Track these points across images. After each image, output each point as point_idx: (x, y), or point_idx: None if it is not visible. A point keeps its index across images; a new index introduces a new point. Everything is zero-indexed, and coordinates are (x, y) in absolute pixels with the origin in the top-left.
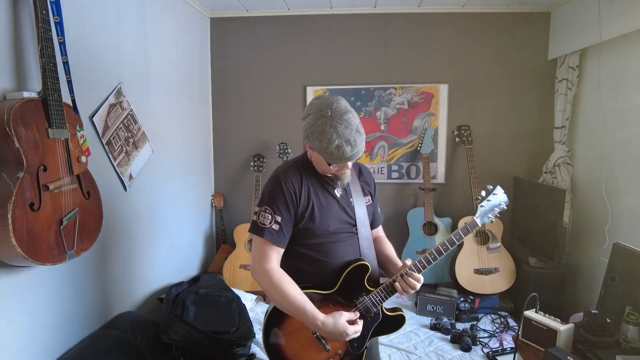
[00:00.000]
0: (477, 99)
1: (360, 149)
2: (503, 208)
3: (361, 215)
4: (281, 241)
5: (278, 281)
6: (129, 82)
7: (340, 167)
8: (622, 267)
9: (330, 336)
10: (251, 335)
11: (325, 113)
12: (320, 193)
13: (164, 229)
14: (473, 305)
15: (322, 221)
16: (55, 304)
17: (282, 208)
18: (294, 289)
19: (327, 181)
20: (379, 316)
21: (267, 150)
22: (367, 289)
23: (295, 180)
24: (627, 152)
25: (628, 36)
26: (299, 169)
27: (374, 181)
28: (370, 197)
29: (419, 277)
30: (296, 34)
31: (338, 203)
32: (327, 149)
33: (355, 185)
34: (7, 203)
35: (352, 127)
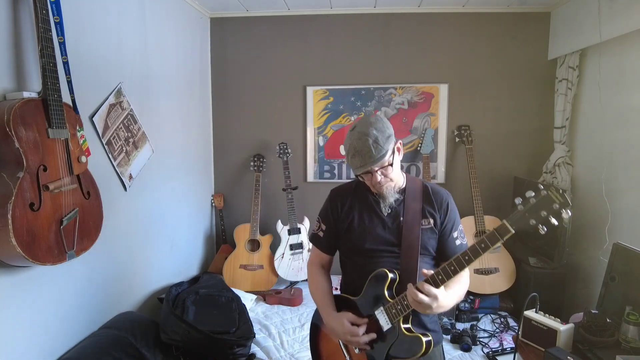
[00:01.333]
0: (477, 99)
1: (374, 160)
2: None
3: (410, 237)
4: (323, 247)
5: (311, 277)
6: (129, 82)
7: (370, 180)
8: (622, 267)
9: (333, 331)
10: (251, 335)
11: (352, 128)
12: (365, 211)
13: (164, 229)
14: (473, 305)
15: (359, 237)
16: (55, 304)
17: (326, 219)
18: (321, 285)
19: (376, 200)
20: (396, 334)
21: (267, 150)
22: (387, 300)
23: (343, 195)
24: (627, 152)
25: (628, 36)
26: (352, 187)
27: (447, 206)
28: (433, 220)
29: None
30: (296, 34)
31: (382, 222)
32: (348, 160)
33: (413, 204)
34: (7, 203)
35: (369, 138)
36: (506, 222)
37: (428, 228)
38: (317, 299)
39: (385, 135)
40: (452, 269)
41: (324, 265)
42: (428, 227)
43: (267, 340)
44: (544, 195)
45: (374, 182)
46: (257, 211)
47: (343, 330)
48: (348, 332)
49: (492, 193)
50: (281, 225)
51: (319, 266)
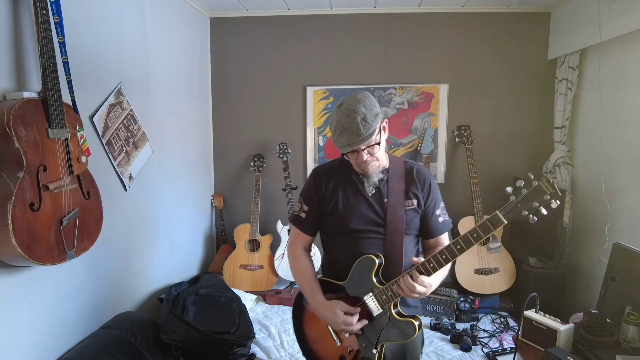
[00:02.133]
0: (477, 99)
1: (362, 138)
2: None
3: (394, 217)
4: (306, 228)
5: (295, 260)
6: (129, 82)
7: (357, 159)
8: (622, 267)
9: (323, 319)
10: (251, 335)
11: (338, 105)
12: (349, 190)
13: (164, 229)
14: (473, 305)
15: (344, 217)
16: (55, 304)
17: (309, 200)
18: (306, 269)
19: (360, 179)
20: (387, 319)
21: (267, 150)
22: (376, 287)
23: (326, 175)
24: (627, 152)
25: (628, 36)
26: (335, 166)
27: (431, 186)
28: (417, 201)
29: (422, 279)
30: (296, 34)
31: (366, 202)
32: (334, 138)
33: (397, 184)
34: (7, 203)
35: (357, 116)
36: (499, 212)
37: (412, 208)
38: (304, 285)
39: (374, 113)
40: (444, 258)
41: (305, 248)
42: (412, 208)
43: (267, 340)
44: (535, 185)
45: (360, 161)
46: (257, 211)
47: (336, 320)
48: (342, 322)
49: (492, 193)
50: (281, 225)
51: (301, 249)
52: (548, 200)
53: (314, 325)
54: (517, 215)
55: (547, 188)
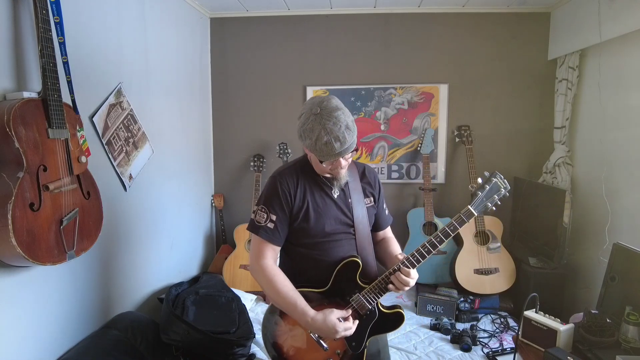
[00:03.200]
0: (477, 99)
1: (349, 145)
2: (504, 195)
3: (360, 216)
4: (276, 239)
5: (271, 277)
6: (129, 82)
7: (334, 165)
8: (622, 267)
9: (320, 333)
10: (251, 335)
11: (315, 111)
12: (317, 194)
13: (164, 229)
14: (473, 306)
15: (317, 221)
16: (55, 304)
17: (277, 207)
18: (286, 284)
19: (324, 182)
20: (375, 314)
21: (267, 150)
22: (361, 286)
23: (291, 180)
24: (627, 152)
25: (628, 36)
26: (297, 170)
27: (379, 183)
28: (373, 198)
29: (411, 272)
30: (296, 34)
31: (335, 204)
32: (316, 146)
33: (355, 185)
34: (7, 203)
35: (341, 124)
36: (470, 207)
37: (370, 206)
38: (287, 302)
39: (351, 119)
40: (426, 250)
41: (275, 261)
42: (370, 205)
43: None
44: (494, 182)
45: (336, 166)
46: None
47: (336, 329)
48: (342, 329)
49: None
50: None
51: (273, 262)
52: (503, 193)
53: (295, 336)
54: (483, 207)
55: (501, 183)
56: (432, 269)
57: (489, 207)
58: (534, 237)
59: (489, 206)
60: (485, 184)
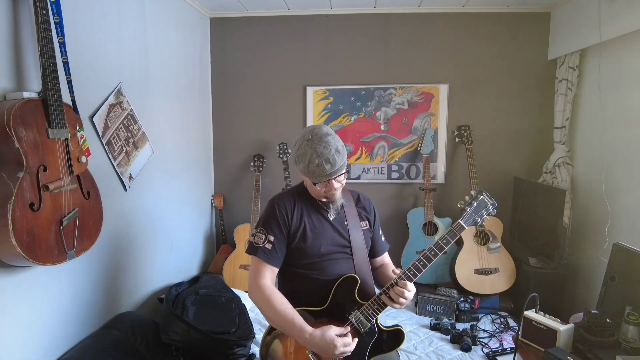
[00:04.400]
0: (477, 99)
1: (340, 167)
2: (491, 212)
3: (356, 238)
4: (274, 260)
5: (269, 296)
6: (129, 82)
7: (328, 187)
8: (622, 267)
9: (319, 349)
10: (251, 336)
11: (307, 137)
12: (313, 216)
13: (164, 229)
14: (473, 306)
15: (313, 242)
16: (55, 304)
17: (274, 229)
18: (284, 303)
19: (321, 205)
20: (375, 332)
21: (267, 150)
22: (359, 303)
23: (289, 203)
24: (627, 152)
25: (628, 36)
26: (294, 195)
27: (374, 209)
28: (368, 222)
29: (408, 285)
30: (296, 34)
31: (332, 226)
32: (309, 168)
33: (351, 209)
34: (7, 203)
35: (331, 148)
36: (460, 221)
37: (366, 229)
38: (285, 322)
39: (341, 143)
40: (422, 264)
41: (273, 281)
42: (366, 229)
43: None
44: (480, 199)
45: (330, 188)
46: (257, 211)
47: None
48: (342, 345)
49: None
50: None
51: (270, 283)
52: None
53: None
54: (473, 222)
55: (488, 200)
56: (432, 269)
57: (478, 222)
58: (534, 237)
59: (478, 221)
60: (473, 200)
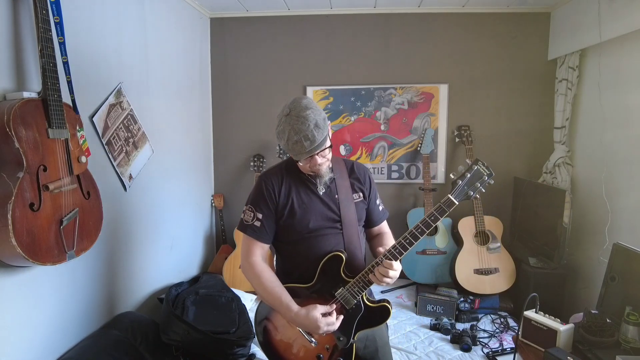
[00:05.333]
0: (477, 99)
1: (320, 143)
2: (487, 182)
3: (347, 212)
4: (263, 237)
5: (259, 273)
6: (129, 82)
7: (311, 163)
8: (622, 267)
9: (304, 328)
10: (251, 336)
11: (285, 112)
12: (302, 191)
13: (164, 229)
14: (473, 306)
15: (302, 218)
16: (55, 304)
17: (262, 206)
18: (272, 281)
19: (309, 179)
20: (361, 308)
21: (267, 150)
22: (345, 281)
23: (276, 179)
24: (627, 152)
25: (628, 36)
26: (282, 170)
27: (369, 178)
28: (362, 194)
29: (394, 264)
30: (296, 34)
31: (320, 200)
32: (288, 146)
33: (342, 181)
34: (7, 203)
35: (310, 123)
36: (450, 195)
37: (360, 201)
38: (273, 298)
39: (322, 117)
40: (408, 242)
41: (264, 258)
42: (359, 200)
43: None
44: (475, 169)
45: (313, 164)
46: None
47: (318, 325)
48: (325, 324)
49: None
50: None
51: (260, 260)
52: (485, 180)
53: (284, 334)
54: (465, 195)
55: (484, 170)
56: (432, 269)
57: (472, 195)
58: (534, 237)
59: (471, 194)
60: (467, 172)
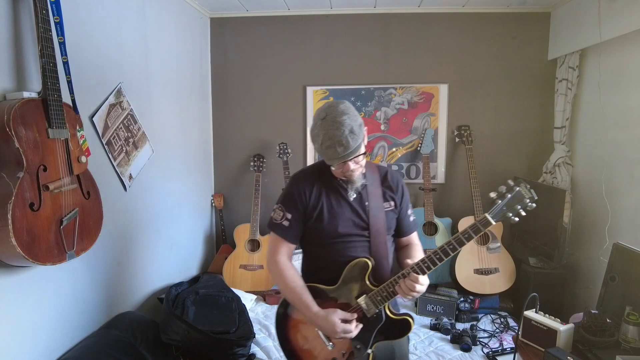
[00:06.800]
0: (477, 99)
1: (354, 149)
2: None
3: (376, 219)
4: (290, 236)
5: (282, 272)
6: (129, 82)
7: (344, 168)
8: (622, 267)
9: (321, 329)
10: (251, 336)
11: (321, 116)
12: (332, 196)
13: (164, 229)
14: (473, 306)
15: (330, 222)
16: (55, 304)
17: (292, 207)
18: (295, 279)
19: (340, 185)
20: (382, 318)
21: (267, 150)
22: (369, 288)
23: (308, 182)
24: (627, 152)
25: (628, 36)
26: (315, 172)
27: (402, 187)
28: (394, 203)
29: (420, 278)
30: (296, 34)
31: (350, 206)
32: (322, 150)
33: (374, 189)
34: (7, 203)
35: (345, 129)
36: (488, 215)
37: (390, 210)
38: (294, 296)
39: (358, 123)
40: (438, 257)
41: (289, 257)
42: (390, 209)
43: (267, 340)
44: (516, 191)
45: (346, 169)
46: (257, 211)
47: (335, 330)
48: (342, 331)
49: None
50: None
51: (286, 258)
52: (527, 204)
53: (303, 332)
54: (503, 216)
55: (526, 192)
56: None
57: (511, 218)
58: (534, 237)
59: (510, 216)
60: (507, 192)
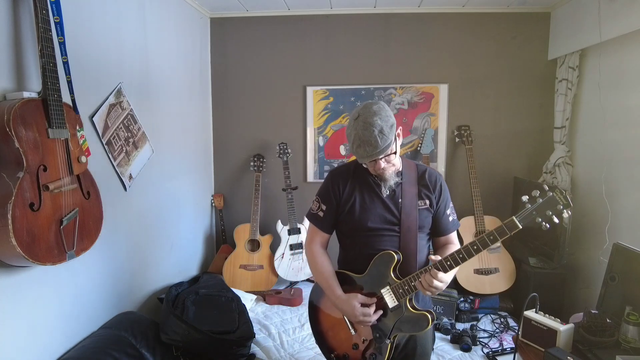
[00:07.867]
0: (477, 99)
1: (382, 149)
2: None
3: (408, 217)
4: (324, 227)
5: (315, 258)
6: (129, 82)
7: (375, 167)
8: (622, 267)
9: (343, 312)
10: (251, 336)
11: (355, 116)
12: (365, 191)
13: (164, 229)
14: (473, 306)
15: (361, 216)
16: (55, 304)
17: (327, 199)
18: (325, 266)
19: (375, 181)
20: (402, 312)
21: (267, 150)
22: (393, 281)
23: (343, 176)
24: (627, 152)
25: (628, 36)
26: (350, 168)
27: (440, 187)
28: (429, 201)
29: (439, 275)
30: (296, 34)
31: (382, 203)
32: (352, 148)
33: (409, 187)
34: (7, 203)
35: (375, 129)
36: (515, 218)
37: (424, 208)
38: (322, 280)
39: (389, 124)
40: (461, 257)
41: (322, 245)
42: (424, 208)
43: (267, 340)
44: (550, 196)
45: (377, 167)
46: (257, 211)
47: (354, 312)
48: (360, 313)
49: (492, 193)
50: (281, 225)
51: (319, 246)
52: (561, 210)
53: (330, 315)
54: (532, 222)
55: (561, 199)
56: None
57: (541, 223)
58: (534, 237)
59: (540, 221)
60: (539, 197)
